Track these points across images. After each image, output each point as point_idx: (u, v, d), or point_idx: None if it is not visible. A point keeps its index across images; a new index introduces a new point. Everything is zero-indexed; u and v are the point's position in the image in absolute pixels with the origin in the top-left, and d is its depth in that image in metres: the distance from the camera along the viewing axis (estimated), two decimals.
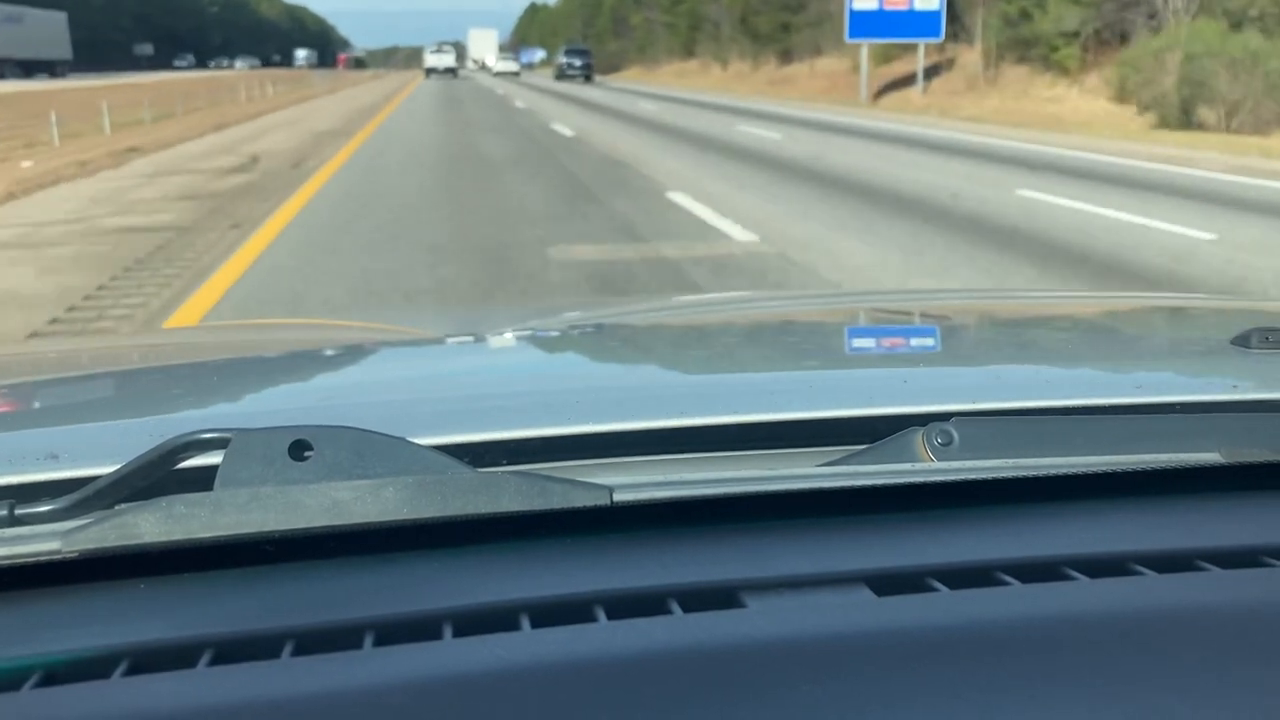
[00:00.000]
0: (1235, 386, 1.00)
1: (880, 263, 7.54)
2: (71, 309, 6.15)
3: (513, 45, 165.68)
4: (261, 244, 8.14)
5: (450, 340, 1.55)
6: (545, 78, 65.42)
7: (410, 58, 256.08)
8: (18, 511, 0.70)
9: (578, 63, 58.75)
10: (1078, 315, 1.74)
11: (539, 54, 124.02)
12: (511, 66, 74.87)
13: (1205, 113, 20.47)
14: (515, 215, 9.55)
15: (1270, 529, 0.76)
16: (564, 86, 49.18)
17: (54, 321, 5.84)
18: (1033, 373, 1.21)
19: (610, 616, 0.63)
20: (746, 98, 37.28)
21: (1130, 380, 1.06)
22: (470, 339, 1.54)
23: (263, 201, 10.54)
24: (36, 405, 1.11)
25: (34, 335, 5.49)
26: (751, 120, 23.84)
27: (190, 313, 6.00)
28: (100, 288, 6.72)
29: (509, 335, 1.53)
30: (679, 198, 10.52)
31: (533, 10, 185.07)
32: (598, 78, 60.48)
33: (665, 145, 17.27)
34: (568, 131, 20.20)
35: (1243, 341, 1.10)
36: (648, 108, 29.36)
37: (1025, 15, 29.16)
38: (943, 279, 7.03)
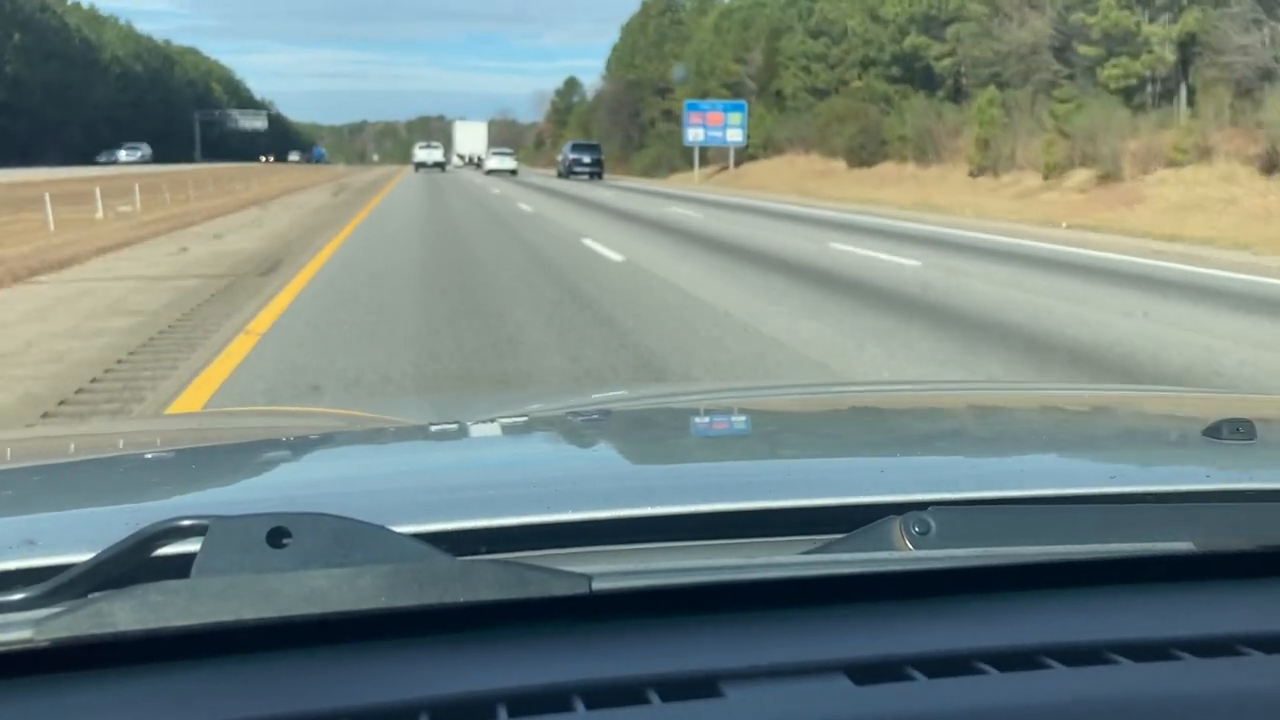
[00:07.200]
0: (1207, 477, 1.02)
1: (678, 265, 12.96)
2: None
3: (542, 136, 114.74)
4: None
5: (431, 428, 1.55)
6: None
7: (383, 134, 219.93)
8: None
9: (586, 159, 52.66)
10: (1053, 407, 1.76)
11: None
12: (508, 164, 62.24)
13: None
14: None
15: (1244, 617, 0.76)
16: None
17: None
18: (1009, 463, 1.22)
19: (589, 706, 0.62)
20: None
21: (1105, 470, 1.07)
22: (451, 427, 1.54)
23: None
24: (14, 493, 1.10)
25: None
26: (657, 197, 32.82)
27: None
28: None
29: (490, 423, 1.53)
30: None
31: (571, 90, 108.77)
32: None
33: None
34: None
35: (1214, 433, 1.11)
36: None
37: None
38: (706, 266, 12.73)
